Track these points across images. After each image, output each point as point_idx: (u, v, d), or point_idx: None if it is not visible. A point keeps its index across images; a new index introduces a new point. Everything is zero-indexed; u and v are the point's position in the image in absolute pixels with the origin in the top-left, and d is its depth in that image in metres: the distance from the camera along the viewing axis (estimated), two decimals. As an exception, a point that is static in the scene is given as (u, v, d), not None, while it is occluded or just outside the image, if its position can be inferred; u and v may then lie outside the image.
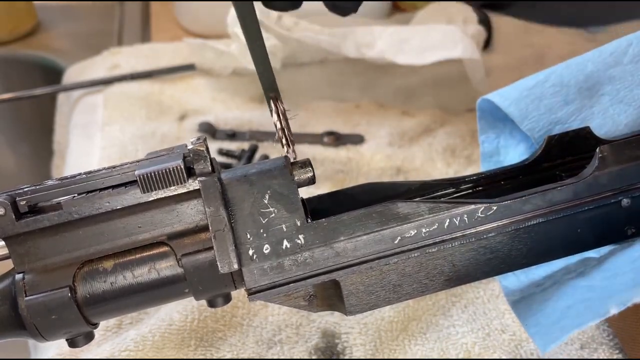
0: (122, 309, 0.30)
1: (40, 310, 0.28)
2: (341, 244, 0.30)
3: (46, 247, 0.29)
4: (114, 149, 0.68)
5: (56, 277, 0.29)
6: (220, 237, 0.28)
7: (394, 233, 0.30)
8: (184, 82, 0.79)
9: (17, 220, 0.28)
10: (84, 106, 0.76)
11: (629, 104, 0.37)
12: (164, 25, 0.96)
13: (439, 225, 0.30)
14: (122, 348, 0.46)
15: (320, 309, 0.31)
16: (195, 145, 0.29)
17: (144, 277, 0.29)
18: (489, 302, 0.50)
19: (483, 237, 0.30)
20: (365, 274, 0.30)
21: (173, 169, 0.28)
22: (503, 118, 0.40)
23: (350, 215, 0.30)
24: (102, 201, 0.29)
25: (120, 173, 0.29)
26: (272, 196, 0.30)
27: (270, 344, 0.47)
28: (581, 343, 0.47)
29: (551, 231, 0.31)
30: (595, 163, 0.32)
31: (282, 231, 0.29)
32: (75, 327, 0.29)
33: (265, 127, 0.71)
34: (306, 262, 0.30)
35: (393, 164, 0.65)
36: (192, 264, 0.29)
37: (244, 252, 0.29)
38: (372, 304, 0.31)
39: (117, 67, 0.81)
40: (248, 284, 0.29)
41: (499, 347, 0.47)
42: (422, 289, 0.31)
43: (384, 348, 0.47)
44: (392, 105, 0.75)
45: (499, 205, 0.30)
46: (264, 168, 0.30)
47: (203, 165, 0.29)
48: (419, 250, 0.30)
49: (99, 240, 0.29)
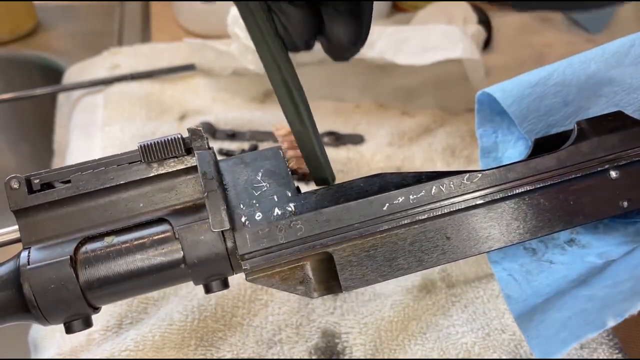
0: (122, 291, 0.31)
1: (40, 280, 0.29)
2: (331, 209, 0.31)
3: (53, 221, 0.31)
4: (114, 149, 0.68)
5: (59, 250, 0.30)
6: (213, 196, 0.30)
7: (381, 200, 0.31)
8: (184, 82, 0.79)
9: (29, 193, 0.30)
10: (84, 106, 0.77)
11: (624, 108, 0.37)
12: (164, 25, 0.96)
13: (425, 192, 0.31)
14: (122, 348, 0.46)
15: (317, 293, 0.32)
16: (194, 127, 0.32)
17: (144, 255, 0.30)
18: (489, 302, 0.50)
19: (472, 206, 0.31)
20: (356, 243, 0.31)
21: (172, 139, 0.31)
22: (501, 112, 0.40)
23: (340, 186, 0.32)
24: (107, 176, 0.31)
25: (127, 155, 0.32)
26: (265, 173, 0.32)
27: (270, 344, 0.47)
28: (581, 343, 0.47)
29: (542, 202, 0.32)
30: (574, 135, 0.33)
31: (273, 201, 0.31)
32: (74, 304, 0.29)
33: (265, 127, 0.71)
34: (297, 227, 0.31)
35: (393, 164, 0.65)
36: (188, 234, 0.30)
37: (237, 219, 0.31)
38: (367, 279, 0.31)
39: (117, 67, 0.81)
40: (241, 250, 0.30)
41: (499, 346, 0.47)
42: (417, 263, 0.31)
43: (383, 348, 0.47)
44: (392, 105, 0.75)
45: (484, 173, 0.32)
46: (257, 154, 0.33)
47: (200, 143, 0.31)
48: (408, 217, 0.31)
49: (103, 216, 0.31)
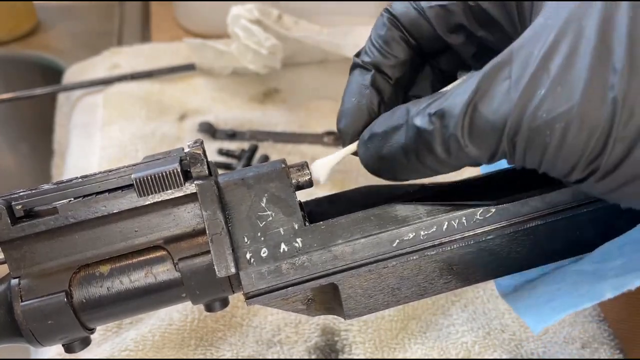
0: (119, 313, 0.30)
1: (36, 316, 0.28)
2: (339, 247, 0.29)
3: (42, 251, 0.28)
4: (114, 149, 0.68)
5: (52, 282, 0.28)
6: (218, 240, 0.28)
7: (392, 236, 0.30)
8: (184, 82, 0.79)
9: (12, 224, 0.28)
10: (84, 106, 0.77)
11: None
12: (164, 25, 0.96)
13: (437, 228, 0.30)
14: (122, 348, 0.46)
15: (318, 312, 0.31)
16: (192, 149, 0.28)
17: (140, 281, 0.29)
18: (489, 302, 0.50)
19: (482, 240, 0.30)
20: (363, 277, 0.30)
21: (170, 173, 0.28)
22: None
23: (348, 218, 0.30)
24: (98, 205, 0.28)
25: (117, 177, 0.29)
26: (270, 199, 0.29)
27: (270, 344, 0.47)
28: (582, 343, 0.47)
29: (551, 233, 0.31)
30: None
31: (279, 234, 0.29)
32: (72, 333, 0.29)
33: (265, 127, 0.71)
34: (304, 265, 0.29)
35: (393, 164, 0.65)
36: (189, 268, 0.29)
37: (241, 256, 0.29)
38: (371, 308, 0.30)
39: (117, 67, 0.81)
40: (246, 288, 0.29)
41: (499, 346, 0.47)
42: (421, 291, 0.31)
43: (383, 346, 0.47)
44: (392, 105, 0.75)
45: (497, 208, 0.30)
46: (261, 171, 0.30)
47: (200, 169, 0.28)
48: (417, 253, 0.30)
49: (96, 245, 0.29)
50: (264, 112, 0.73)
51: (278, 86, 0.78)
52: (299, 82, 0.79)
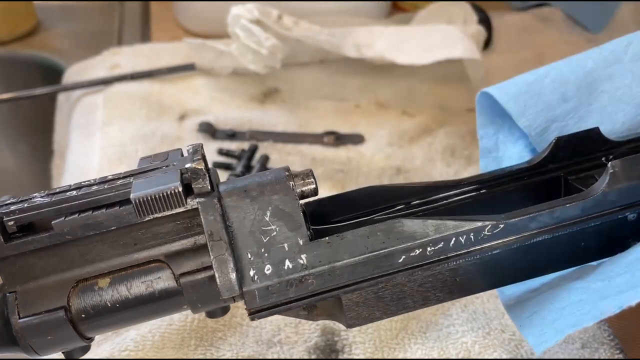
0: (119, 323, 0.30)
1: (36, 332, 0.27)
2: (344, 262, 0.29)
3: (38, 267, 0.28)
4: (114, 148, 0.68)
5: (50, 298, 0.28)
6: (221, 262, 0.27)
7: (398, 252, 0.29)
8: (184, 82, 0.79)
9: (5, 242, 0.27)
10: (84, 106, 0.76)
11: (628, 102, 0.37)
12: (164, 25, 0.96)
13: (444, 244, 0.29)
14: (122, 348, 0.46)
15: (319, 318, 0.31)
16: (193, 164, 0.28)
17: (141, 295, 0.28)
18: (489, 302, 0.50)
19: (487, 254, 0.30)
20: (368, 292, 0.30)
21: (171, 193, 0.27)
22: (502, 113, 0.40)
23: (355, 234, 0.29)
24: (96, 222, 0.27)
25: (114, 191, 0.28)
26: (274, 213, 0.29)
27: (270, 344, 0.47)
28: (582, 342, 0.47)
29: (556, 246, 0.31)
30: (605, 179, 0.31)
31: (284, 251, 0.28)
32: (71, 344, 0.29)
33: (265, 127, 0.71)
34: (308, 282, 0.29)
35: (393, 164, 0.65)
36: (191, 283, 0.28)
37: (245, 274, 0.28)
38: (373, 317, 0.30)
39: (117, 67, 0.81)
40: (249, 305, 0.29)
41: (499, 346, 0.47)
42: (423, 301, 0.31)
43: (383, 346, 0.47)
44: (392, 105, 0.75)
45: (506, 223, 0.30)
46: (265, 181, 0.29)
47: (202, 184, 0.28)
48: (423, 268, 0.30)
49: (94, 260, 0.28)
50: (264, 112, 0.74)
51: (278, 86, 0.78)
52: (299, 82, 0.79)
